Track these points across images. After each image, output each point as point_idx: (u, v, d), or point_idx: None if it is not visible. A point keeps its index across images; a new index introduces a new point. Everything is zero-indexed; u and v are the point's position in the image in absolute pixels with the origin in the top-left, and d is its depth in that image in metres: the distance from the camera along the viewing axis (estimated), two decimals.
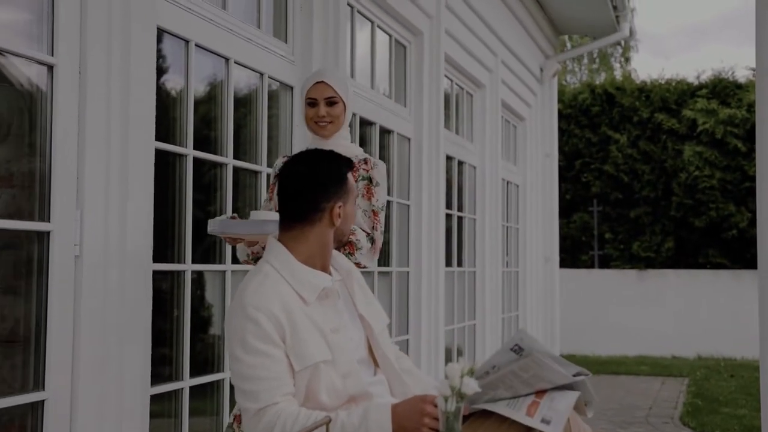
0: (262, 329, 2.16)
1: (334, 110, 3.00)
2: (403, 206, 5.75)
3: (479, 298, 7.42)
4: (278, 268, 2.29)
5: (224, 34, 3.67)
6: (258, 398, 2.14)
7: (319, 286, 2.29)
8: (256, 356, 2.15)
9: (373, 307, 2.46)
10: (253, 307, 2.18)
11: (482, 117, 7.43)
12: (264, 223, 2.69)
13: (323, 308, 2.29)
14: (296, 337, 2.19)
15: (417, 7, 5.67)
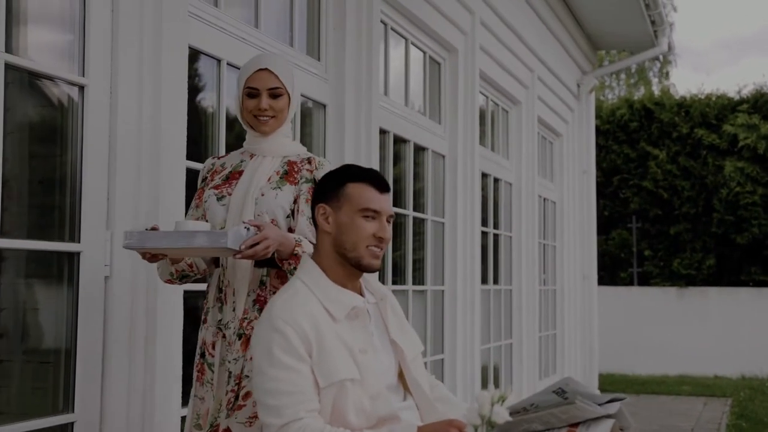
0: (288, 342, 2.13)
1: (278, 103, 2.61)
2: (437, 224, 5.70)
3: (516, 317, 7.33)
4: (309, 284, 2.26)
5: (256, 52, 3.65)
6: (281, 413, 2.09)
7: (349, 305, 2.25)
8: (281, 370, 2.11)
9: (407, 334, 2.40)
10: (282, 319, 2.15)
11: (518, 133, 7.36)
12: (192, 235, 2.31)
13: (352, 328, 2.24)
14: (323, 353, 2.15)
15: (451, 23, 5.64)
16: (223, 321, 2.54)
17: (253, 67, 2.63)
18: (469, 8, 5.82)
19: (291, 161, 2.64)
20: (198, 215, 2.65)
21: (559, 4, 7.90)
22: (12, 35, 2.49)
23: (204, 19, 3.30)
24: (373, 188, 2.28)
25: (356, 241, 2.26)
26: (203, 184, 2.68)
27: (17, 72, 2.52)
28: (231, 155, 2.72)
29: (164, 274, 2.62)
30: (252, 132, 2.66)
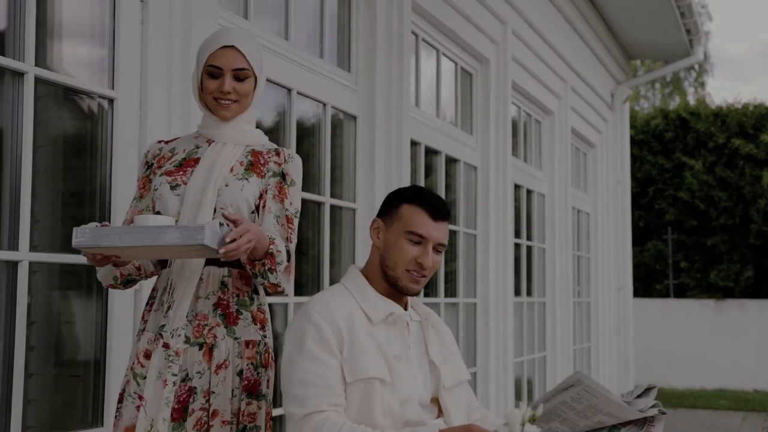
0: (322, 335, 2.16)
1: (243, 86, 2.31)
2: (470, 236, 5.65)
3: (549, 329, 7.25)
4: (351, 289, 2.30)
5: (286, 64, 3.65)
6: (305, 404, 2.11)
7: (387, 310, 2.27)
8: (311, 360, 2.14)
9: (450, 361, 2.38)
10: (317, 313, 2.19)
11: (551, 144, 7.30)
12: (161, 231, 1.99)
13: (389, 333, 2.26)
14: (354, 350, 2.17)
15: (483, 34, 5.60)
16: (166, 327, 2.21)
17: (217, 42, 2.30)
18: (500, 18, 5.79)
19: (255, 151, 2.35)
20: (143, 207, 2.33)
21: (593, 14, 7.84)
22: (42, 49, 2.50)
23: None
24: (426, 213, 2.26)
25: (397, 261, 2.26)
26: (148, 172, 2.35)
27: (48, 86, 2.53)
28: (181, 140, 2.40)
29: (106, 278, 2.28)
30: (210, 116, 2.35)
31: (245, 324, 2.28)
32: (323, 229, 3.95)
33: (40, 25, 2.50)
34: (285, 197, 2.33)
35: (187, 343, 2.21)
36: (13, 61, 2.35)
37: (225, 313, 2.24)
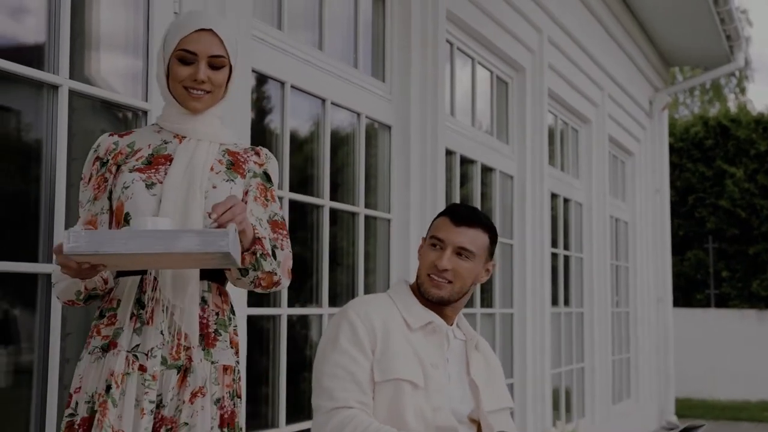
0: (356, 333, 2.19)
1: (218, 76, 2.04)
2: (506, 246, 5.60)
3: (587, 340, 7.17)
4: (394, 297, 2.33)
5: (320, 74, 3.64)
6: (333, 397, 2.14)
7: (426, 319, 2.28)
8: (342, 355, 2.17)
9: (493, 386, 2.37)
10: (354, 311, 2.23)
11: (588, 153, 7.22)
12: (175, 236, 1.73)
13: (427, 341, 2.27)
14: (387, 351, 2.20)
15: (519, 42, 5.56)
16: (144, 347, 1.93)
17: (191, 24, 2.03)
18: (536, 27, 5.74)
19: (231, 150, 2.12)
20: (97, 210, 2.03)
21: (630, 21, 7.76)
22: (77, 62, 2.51)
23: (268, 42, 3.30)
24: (448, 219, 2.31)
25: (421, 267, 2.32)
26: (103, 170, 2.04)
27: (82, 98, 2.54)
28: (138, 133, 2.12)
29: (67, 293, 1.97)
30: (176, 107, 2.08)
31: (223, 347, 2.01)
32: (357, 240, 3.93)
33: (75, 37, 2.51)
34: (273, 200, 2.12)
35: (163, 365, 1.93)
36: (48, 75, 2.36)
37: (203, 333, 1.98)
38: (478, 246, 2.27)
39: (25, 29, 2.45)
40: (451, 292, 2.27)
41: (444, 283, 2.25)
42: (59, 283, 1.97)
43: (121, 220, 1.99)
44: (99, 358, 1.94)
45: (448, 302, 2.28)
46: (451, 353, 2.30)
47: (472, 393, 2.31)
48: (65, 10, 2.42)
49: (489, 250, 2.32)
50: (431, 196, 4.22)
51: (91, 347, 1.97)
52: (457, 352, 2.33)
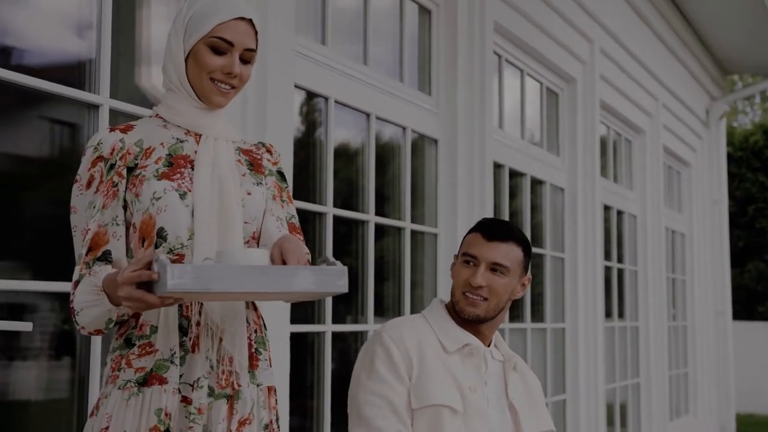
0: (390, 358, 2.14)
1: (247, 71, 1.84)
2: (557, 259, 5.52)
3: (643, 355, 7.02)
4: (429, 318, 2.28)
5: (365, 89, 3.62)
6: (370, 425, 2.09)
7: (463, 341, 2.23)
8: (378, 383, 2.12)
9: (534, 409, 2.31)
10: (389, 336, 2.18)
11: (642, 164, 7.09)
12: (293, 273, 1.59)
13: (464, 364, 2.22)
14: (424, 377, 2.14)
15: (569, 53, 5.48)
16: (189, 377, 1.73)
17: (230, 10, 1.80)
18: (587, 37, 5.66)
19: (243, 149, 1.93)
20: (108, 220, 1.75)
21: (685, 29, 7.61)
22: (116, 80, 2.52)
23: (311, 58, 3.29)
24: (480, 234, 2.25)
25: (455, 285, 2.26)
26: (111, 173, 1.76)
27: (122, 117, 2.55)
28: (143, 128, 1.83)
29: (98, 322, 1.71)
30: (190, 100, 1.83)
31: (264, 366, 1.84)
32: (404, 255, 3.89)
33: (116, 57, 2.52)
34: (290, 202, 1.96)
35: (211, 396, 1.74)
36: (88, 94, 2.37)
37: (249, 354, 1.82)
38: (512, 260, 2.22)
39: (69, 50, 2.47)
40: (486, 310, 2.21)
41: (479, 300, 2.20)
42: (88, 310, 1.69)
43: (152, 235, 1.73)
44: (135, 394, 1.69)
45: (484, 320, 2.23)
46: (489, 375, 2.25)
47: (512, 416, 2.25)
48: (106, 32, 2.43)
49: (523, 264, 2.26)
50: (479, 209, 4.16)
51: (121, 381, 1.71)
52: (495, 374, 2.27)
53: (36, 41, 2.40)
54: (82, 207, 1.77)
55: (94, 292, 1.68)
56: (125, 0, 2.59)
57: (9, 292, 2.24)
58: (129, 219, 1.76)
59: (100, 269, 1.70)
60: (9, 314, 2.28)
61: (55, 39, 2.45)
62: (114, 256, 1.73)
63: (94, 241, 1.72)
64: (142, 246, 1.73)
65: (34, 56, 2.40)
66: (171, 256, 1.59)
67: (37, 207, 2.46)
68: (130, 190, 1.76)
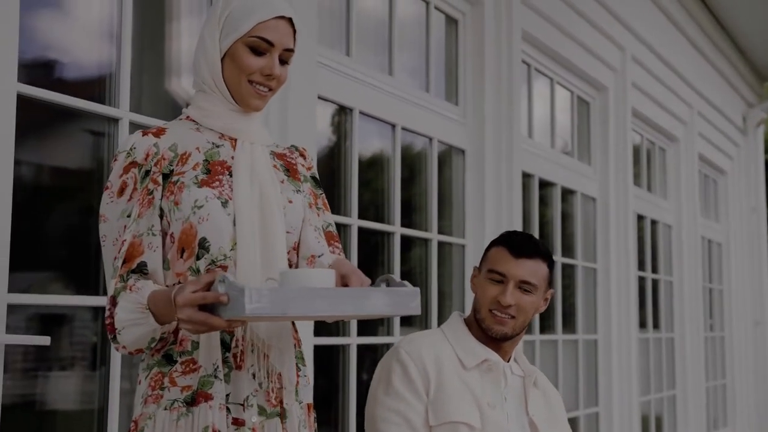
0: (407, 374, 2.12)
1: (285, 72, 1.76)
2: (589, 270, 5.44)
3: (679, 366, 6.91)
4: (447, 333, 2.25)
5: (390, 100, 3.60)
6: None
7: (481, 356, 2.20)
8: (395, 400, 2.10)
9: (556, 427, 2.28)
10: (406, 351, 2.15)
11: (677, 172, 6.99)
12: (365, 295, 1.54)
13: (483, 380, 2.19)
14: (441, 393, 2.11)
15: (600, 61, 5.42)
16: (237, 396, 1.66)
17: (271, 8, 1.71)
18: (618, 44, 5.59)
19: (277, 153, 1.85)
20: (143, 230, 1.66)
21: (719, 35, 7.50)
22: (137, 95, 2.52)
23: (334, 69, 3.27)
24: (508, 251, 2.20)
25: (481, 303, 2.22)
26: (146, 180, 1.67)
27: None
28: (175, 131, 1.74)
29: (141, 341, 1.63)
30: (225, 103, 1.74)
31: (304, 382, 1.78)
32: (431, 267, 3.86)
33: (136, 72, 2.53)
34: (326, 209, 1.88)
35: (262, 415, 1.67)
36: (109, 108, 2.38)
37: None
38: (539, 278, 2.19)
39: (90, 65, 2.48)
40: (514, 328, 2.19)
41: (507, 318, 2.17)
42: (131, 329, 1.60)
43: (192, 245, 1.64)
44: (184, 415, 1.61)
45: (511, 338, 2.20)
46: (509, 391, 2.21)
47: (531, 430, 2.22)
48: (126, 47, 2.43)
49: (548, 279, 2.24)
50: (507, 220, 4.12)
51: (166, 401, 1.62)
52: (515, 390, 2.24)
53: (59, 56, 2.41)
54: (113, 216, 1.67)
55: (138, 310, 1.59)
56: (152, 13, 2.60)
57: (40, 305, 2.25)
58: (165, 228, 1.67)
59: (143, 285, 1.61)
60: (40, 326, 2.29)
61: (77, 53, 2.46)
62: (150, 267, 1.64)
63: (129, 253, 1.63)
64: (182, 257, 1.65)
65: (58, 71, 2.41)
66: (230, 276, 1.48)
67: (64, 219, 2.46)
68: (166, 197, 1.66)
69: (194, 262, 1.66)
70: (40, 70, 2.35)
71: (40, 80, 2.25)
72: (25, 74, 2.17)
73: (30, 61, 2.26)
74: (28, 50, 2.22)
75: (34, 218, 2.28)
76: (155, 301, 1.58)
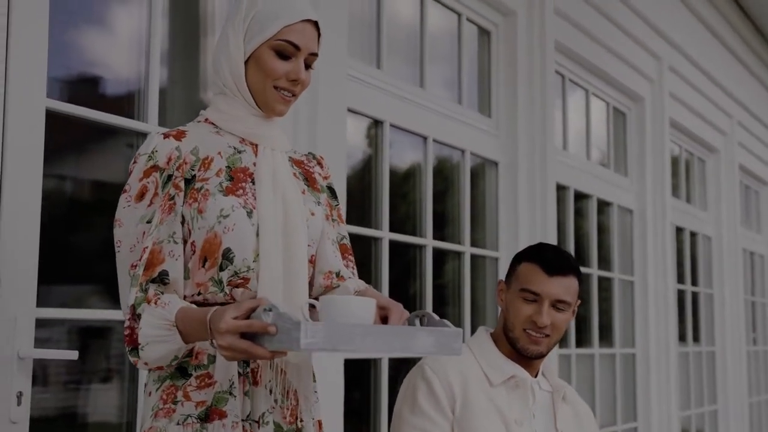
0: (432, 392, 2.09)
1: (309, 77, 1.72)
2: (626, 282, 5.37)
3: (720, 380, 6.78)
4: (473, 349, 2.22)
5: (421, 112, 3.58)
6: None
7: (509, 373, 2.16)
8: (420, 418, 2.07)
9: None
10: (430, 368, 2.13)
11: (716, 183, 6.88)
12: (412, 335, 1.52)
13: (510, 397, 2.15)
14: (467, 411, 2.08)
15: (636, 71, 5.36)
16: (254, 413, 1.61)
17: (297, 11, 1.67)
18: (655, 54, 5.52)
19: (295, 159, 1.81)
20: (164, 237, 1.60)
21: (759, 43, 7.38)
22: (164, 107, 2.53)
23: (365, 81, 3.27)
24: (540, 269, 2.15)
25: (514, 321, 2.17)
26: (168, 186, 1.61)
27: None
28: (195, 134, 1.68)
29: (165, 359, 1.56)
30: (247, 107, 1.70)
31: (315, 398, 1.74)
32: (463, 280, 3.83)
33: (164, 87, 2.54)
34: (341, 221, 1.83)
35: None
36: (136, 123, 2.39)
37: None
38: (572, 294, 2.16)
39: (118, 80, 2.49)
40: (549, 346, 2.17)
41: (542, 338, 2.14)
42: (155, 346, 1.53)
43: (215, 256, 1.60)
44: (198, 431, 1.56)
45: (544, 356, 2.17)
46: (537, 407, 2.18)
47: None
48: (155, 62, 2.44)
49: (579, 293, 2.20)
50: (541, 232, 4.07)
51: (179, 416, 1.57)
52: (543, 405, 2.20)
53: (90, 71, 2.43)
54: (129, 221, 1.61)
55: (165, 327, 1.52)
56: (183, 27, 2.61)
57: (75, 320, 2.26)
58: (185, 236, 1.61)
59: (169, 299, 1.55)
60: (73, 339, 2.30)
61: (108, 68, 2.48)
62: (171, 276, 1.58)
63: (149, 260, 1.57)
64: (203, 266, 1.60)
65: (88, 86, 2.43)
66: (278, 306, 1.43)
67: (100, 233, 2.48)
68: (189, 204, 1.61)
69: (217, 272, 1.61)
70: (68, 85, 2.36)
71: (69, 95, 2.27)
72: (55, 89, 2.19)
73: (60, 77, 2.28)
74: (57, 65, 2.24)
75: (70, 232, 2.29)
76: (184, 320, 1.52)
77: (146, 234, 1.58)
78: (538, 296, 2.13)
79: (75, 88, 2.38)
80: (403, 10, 3.63)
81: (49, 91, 2.10)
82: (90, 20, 2.41)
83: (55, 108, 2.13)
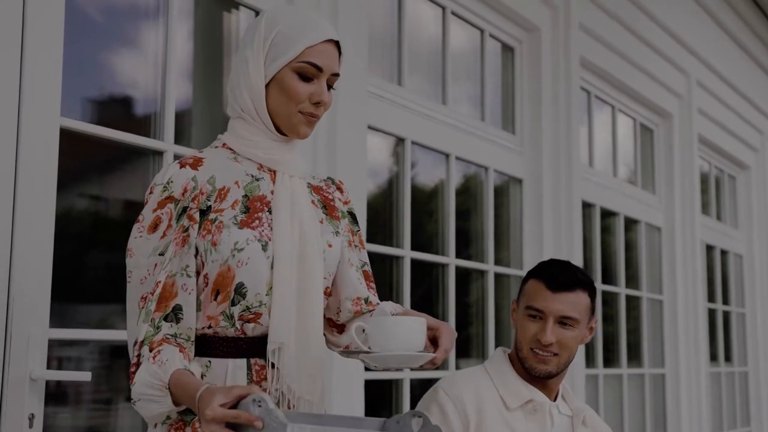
0: (445, 416, 2.02)
1: (331, 98, 1.67)
2: (655, 302, 5.28)
3: (754, 402, 6.64)
4: (490, 371, 2.15)
5: (444, 129, 3.55)
6: None
7: (526, 397, 2.09)
8: None
9: None
10: (444, 391, 2.06)
11: (747, 200, 6.77)
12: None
13: (527, 421, 2.08)
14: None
15: (663, 87, 5.29)
16: None
17: (320, 32, 1.63)
18: (682, 70, 5.45)
19: (314, 186, 1.75)
20: (177, 270, 1.56)
21: None
22: (180, 126, 2.52)
23: (385, 98, 3.24)
24: (544, 285, 2.09)
25: (521, 340, 2.12)
26: (183, 218, 1.58)
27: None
28: (212, 161, 1.64)
29: (156, 417, 1.53)
30: (266, 132, 1.65)
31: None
32: (487, 299, 3.77)
33: (186, 107, 2.52)
34: (362, 247, 1.78)
35: None
36: (153, 141, 2.37)
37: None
38: (580, 310, 2.08)
39: (136, 100, 2.48)
40: (558, 365, 2.09)
41: (549, 356, 2.07)
42: (147, 404, 1.50)
43: (228, 290, 1.57)
44: None
45: (555, 375, 2.10)
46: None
47: None
48: (171, 81, 2.43)
49: (590, 308, 2.12)
50: (567, 250, 4.01)
51: None
52: (563, 430, 2.13)
53: (107, 89, 2.42)
54: (142, 252, 1.58)
55: (157, 388, 1.48)
56: (209, 49, 2.60)
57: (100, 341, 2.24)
58: (198, 268, 1.58)
59: (168, 356, 1.49)
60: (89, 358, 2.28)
61: (126, 87, 2.47)
62: (185, 311, 1.55)
63: (161, 295, 1.54)
64: (215, 300, 1.56)
65: (104, 105, 2.42)
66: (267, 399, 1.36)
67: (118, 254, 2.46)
68: (203, 236, 1.56)
69: (228, 307, 1.57)
70: (86, 104, 2.36)
71: (86, 114, 2.26)
72: (72, 109, 2.18)
73: (74, 95, 2.27)
74: (72, 84, 2.23)
75: (85, 252, 2.27)
76: (177, 385, 1.47)
77: (158, 266, 1.56)
78: (542, 313, 2.07)
79: (92, 108, 2.37)
80: (425, 27, 3.61)
81: (65, 110, 2.09)
82: (109, 39, 2.40)
83: (70, 126, 2.12)
